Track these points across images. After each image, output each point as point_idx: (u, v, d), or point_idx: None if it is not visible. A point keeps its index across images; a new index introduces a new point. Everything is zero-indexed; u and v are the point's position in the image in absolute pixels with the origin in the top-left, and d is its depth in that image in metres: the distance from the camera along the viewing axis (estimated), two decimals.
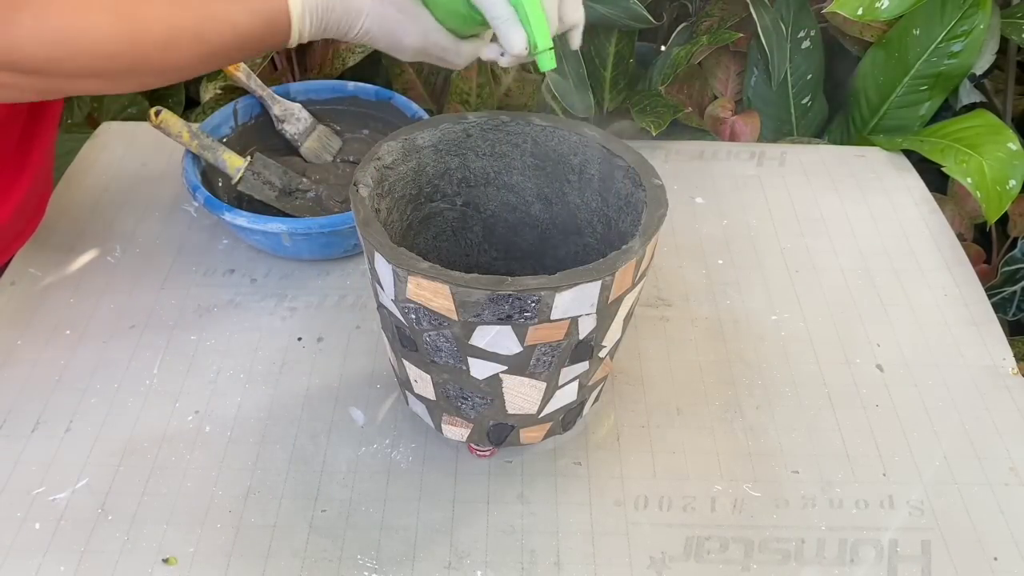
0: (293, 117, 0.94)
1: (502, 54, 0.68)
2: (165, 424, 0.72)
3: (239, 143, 0.92)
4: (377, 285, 0.60)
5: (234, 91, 1.07)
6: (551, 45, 0.62)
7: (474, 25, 0.66)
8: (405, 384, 0.66)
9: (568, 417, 0.65)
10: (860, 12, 1.03)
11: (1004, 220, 1.17)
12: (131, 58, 0.61)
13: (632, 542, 0.65)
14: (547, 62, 0.63)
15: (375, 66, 1.25)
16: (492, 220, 0.73)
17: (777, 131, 1.23)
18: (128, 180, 0.96)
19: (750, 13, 1.13)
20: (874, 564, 0.64)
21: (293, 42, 0.67)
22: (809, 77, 1.21)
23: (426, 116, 0.90)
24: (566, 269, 0.54)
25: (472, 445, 0.69)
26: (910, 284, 0.88)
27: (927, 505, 0.68)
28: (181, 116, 0.87)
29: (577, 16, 0.68)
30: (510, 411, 0.62)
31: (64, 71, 0.60)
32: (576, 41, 0.69)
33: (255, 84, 0.93)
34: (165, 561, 0.63)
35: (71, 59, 0.59)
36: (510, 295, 0.53)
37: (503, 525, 0.66)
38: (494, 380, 0.59)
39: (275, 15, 0.65)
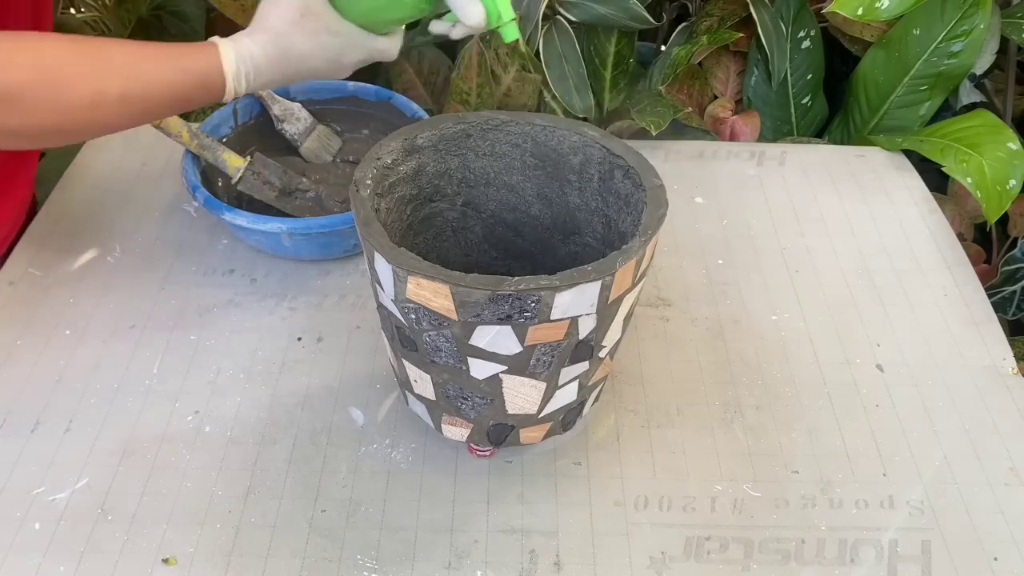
0: (293, 117, 0.94)
1: (453, 26, 0.68)
2: (165, 424, 0.72)
3: (239, 143, 0.92)
4: (377, 285, 0.60)
5: None
6: (514, 15, 0.62)
7: (415, 13, 0.66)
8: (405, 384, 0.66)
9: (568, 417, 0.65)
10: (860, 12, 1.03)
11: (1004, 220, 1.17)
12: (55, 118, 0.60)
13: (632, 542, 0.65)
14: (511, 32, 0.63)
15: (375, 66, 1.25)
16: (492, 220, 0.73)
17: (777, 131, 1.23)
18: (128, 180, 0.96)
19: (750, 13, 1.13)
20: (874, 564, 0.64)
21: (228, 98, 0.66)
22: (809, 77, 1.21)
23: (426, 116, 0.90)
24: (566, 269, 0.54)
25: (472, 445, 0.69)
26: (910, 284, 0.88)
27: (927, 505, 0.68)
28: (181, 116, 0.87)
29: None
30: (510, 411, 0.62)
31: None
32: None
33: None
34: (165, 561, 0.63)
35: None
36: (510, 295, 0.53)
37: (503, 525, 0.66)
38: (494, 380, 0.59)
39: (209, 75, 0.64)
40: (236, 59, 0.64)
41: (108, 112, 0.62)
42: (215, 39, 0.65)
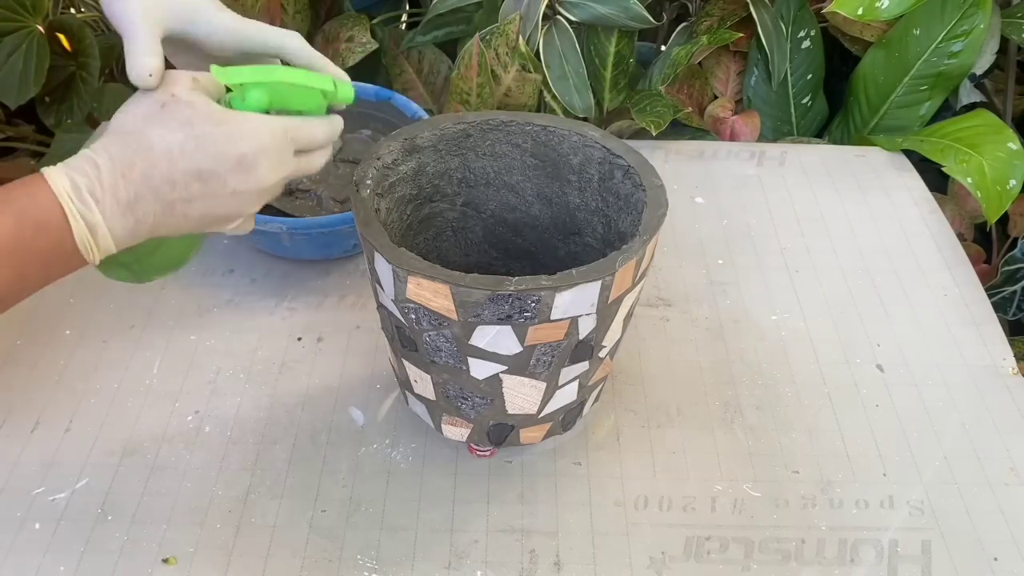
0: None
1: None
2: (165, 424, 0.72)
3: None
4: (377, 285, 0.60)
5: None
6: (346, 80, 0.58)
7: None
8: (405, 384, 0.66)
9: (568, 417, 0.65)
10: (860, 12, 1.03)
11: (1004, 220, 1.17)
12: None
13: (632, 542, 0.65)
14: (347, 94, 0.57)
15: (375, 66, 1.25)
16: (492, 220, 0.73)
17: (777, 131, 1.23)
18: None
19: (750, 13, 1.13)
20: (874, 564, 0.64)
21: (86, 248, 0.47)
22: (809, 77, 1.21)
23: (426, 116, 0.90)
24: (566, 269, 0.54)
25: (472, 445, 0.69)
26: (910, 284, 0.88)
27: (927, 505, 0.68)
28: None
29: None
30: (510, 411, 0.62)
31: None
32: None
33: None
34: (165, 561, 0.63)
35: None
36: (510, 295, 0.53)
37: (503, 525, 0.66)
38: (494, 380, 0.59)
39: (36, 207, 0.46)
40: (66, 172, 0.47)
41: None
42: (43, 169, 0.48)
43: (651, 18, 1.07)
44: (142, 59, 0.49)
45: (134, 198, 0.48)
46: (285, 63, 0.57)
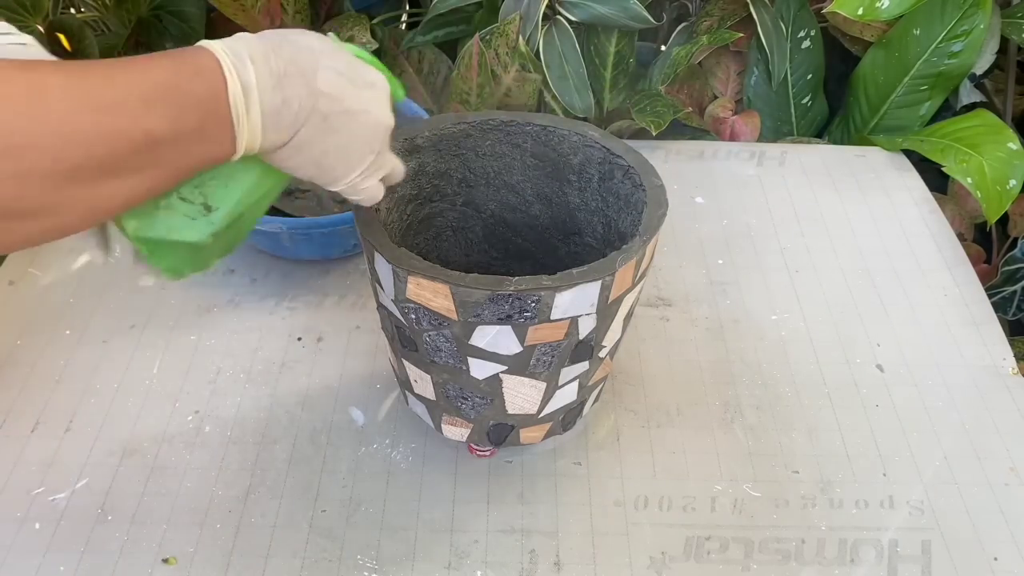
0: None
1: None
2: (165, 424, 0.72)
3: None
4: (377, 285, 0.60)
5: None
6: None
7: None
8: (405, 384, 0.66)
9: (568, 417, 0.65)
10: (860, 12, 1.03)
11: (1004, 220, 1.17)
12: None
13: (632, 542, 0.65)
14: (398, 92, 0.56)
15: None
16: (492, 220, 0.73)
17: (777, 131, 1.23)
18: None
19: (750, 13, 1.13)
20: (874, 564, 0.64)
21: (235, 91, 0.45)
22: (809, 77, 1.21)
23: (426, 116, 0.90)
24: (566, 269, 0.54)
25: (472, 445, 0.69)
26: (910, 284, 0.88)
27: (927, 505, 0.68)
28: None
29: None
30: (510, 411, 0.62)
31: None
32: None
33: None
34: (165, 561, 0.63)
35: None
36: (510, 295, 0.53)
37: (503, 525, 0.66)
38: (494, 380, 0.59)
39: (198, 60, 0.44)
40: (221, 41, 0.46)
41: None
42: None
43: (651, 18, 1.07)
44: None
45: (283, 73, 0.47)
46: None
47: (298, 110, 0.48)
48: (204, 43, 0.46)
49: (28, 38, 0.49)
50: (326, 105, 0.49)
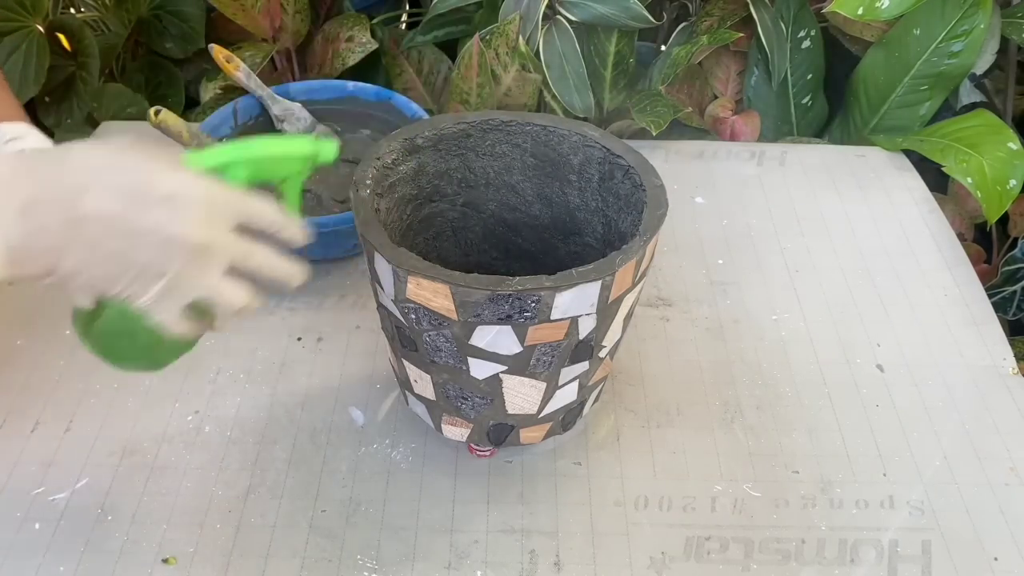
0: (293, 117, 0.94)
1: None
2: (165, 424, 0.72)
3: None
4: (377, 285, 0.60)
5: (234, 91, 1.07)
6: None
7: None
8: (405, 384, 0.66)
9: (568, 417, 0.65)
10: (860, 12, 1.03)
11: (1004, 220, 1.17)
12: None
13: (632, 542, 0.65)
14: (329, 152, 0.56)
15: (375, 66, 1.25)
16: (492, 220, 0.73)
17: (777, 131, 1.23)
18: None
19: (750, 13, 1.13)
20: (874, 564, 0.64)
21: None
22: (809, 77, 1.21)
23: (426, 116, 0.90)
24: (566, 269, 0.54)
25: (472, 445, 0.69)
26: (910, 284, 0.88)
27: (927, 505, 0.68)
28: (181, 116, 0.87)
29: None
30: (510, 411, 0.62)
31: None
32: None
33: (255, 84, 0.93)
34: (165, 561, 0.63)
35: None
36: (510, 295, 0.53)
37: (503, 525, 0.66)
38: (494, 380, 0.59)
39: None
40: None
41: None
42: None
43: (651, 18, 1.07)
44: None
45: (34, 200, 0.43)
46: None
47: (54, 240, 0.44)
48: None
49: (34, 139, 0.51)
50: (95, 230, 0.44)
